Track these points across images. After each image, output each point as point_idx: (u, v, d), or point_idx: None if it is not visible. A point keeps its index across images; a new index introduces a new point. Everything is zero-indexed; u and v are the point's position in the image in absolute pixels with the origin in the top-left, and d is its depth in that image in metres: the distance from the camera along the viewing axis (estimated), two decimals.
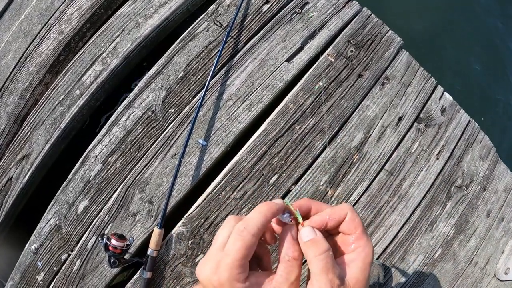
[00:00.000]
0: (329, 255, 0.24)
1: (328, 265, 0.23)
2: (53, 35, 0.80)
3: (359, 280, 0.24)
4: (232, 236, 0.24)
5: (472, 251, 0.74)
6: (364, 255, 0.25)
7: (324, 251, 0.24)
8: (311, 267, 0.24)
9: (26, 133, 0.75)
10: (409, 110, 0.73)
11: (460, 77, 1.29)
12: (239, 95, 0.67)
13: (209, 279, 0.24)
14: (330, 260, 0.24)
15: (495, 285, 0.75)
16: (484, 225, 0.76)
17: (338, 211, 0.26)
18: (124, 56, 0.72)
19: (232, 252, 0.23)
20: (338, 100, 0.69)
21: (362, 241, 0.25)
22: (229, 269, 0.23)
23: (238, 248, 0.23)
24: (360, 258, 0.25)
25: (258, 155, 0.65)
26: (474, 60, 1.34)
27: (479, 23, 1.38)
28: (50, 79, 0.79)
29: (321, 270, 0.23)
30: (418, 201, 0.71)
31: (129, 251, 0.60)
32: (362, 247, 0.25)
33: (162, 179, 0.65)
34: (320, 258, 0.24)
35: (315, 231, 0.25)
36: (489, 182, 0.77)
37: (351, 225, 0.26)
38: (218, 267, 0.24)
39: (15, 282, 0.71)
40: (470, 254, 0.73)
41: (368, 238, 0.26)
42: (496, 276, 0.75)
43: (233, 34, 0.69)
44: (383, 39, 0.74)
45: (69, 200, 0.68)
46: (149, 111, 0.68)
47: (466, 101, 0.83)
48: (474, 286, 0.73)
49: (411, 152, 0.71)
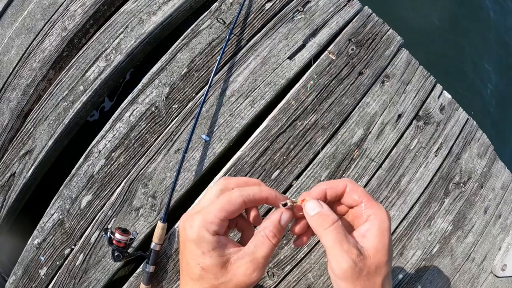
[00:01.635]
0: (339, 225, 0.22)
1: (340, 236, 0.21)
2: (56, 31, 0.79)
3: (379, 249, 0.21)
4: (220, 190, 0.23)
5: (469, 247, 0.74)
6: (378, 221, 0.22)
7: (333, 222, 0.22)
8: (324, 243, 0.22)
9: (29, 129, 0.75)
10: (409, 107, 0.73)
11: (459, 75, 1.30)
12: (241, 91, 0.68)
13: (183, 222, 0.23)
14: (341, 230, 0.22)
15: (492, 281, 0.75)
16: (482, 221, 0.76)
17: (335, 181, 0.25)
18: (128, 53, 0.72)
19: (215, 203, 0.22)
20: (339, 97, 0.69)
21: (373, 208, 0.23)
22: (204, 217, 0.22)
23: (222, 202, 0.22)
24: (375, 226, 0.22)
25: (260, 151, 0.65)
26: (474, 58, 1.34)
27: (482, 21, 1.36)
28: (53, 75, 0.79)
29: (334, 242, 0.21)
30: (417, 197, 0.71)
31: (132, 245, 0.60)
32: (374, 213, 0.22)
33: (166, 174, 0.65)
34: (329, 230, 0.21)
35: (320, 204, 0.23)
36: (486, 179, 0.78)
37: (355, 194, 0.24)
38: (194, 214, 0.22)
39: (17, 276, 0.71)
40: (468, 250, 0.74)
41: (379, 205, 0.23)
42: (493, 272, 0.76)
43: (236, 31, 0.69)
44: (383, 38, 0.74)
45: (73, 195, 0.67)
46: (153, 106, 0.68)
47: (464, 100, 0.84)
48: (471, 281, 0.73)
49: (410, 149, 0.72)
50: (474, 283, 0.74)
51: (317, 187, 0.25)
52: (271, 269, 0.63)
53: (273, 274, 0.63)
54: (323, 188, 0.25)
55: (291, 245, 0.63)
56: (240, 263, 0.22)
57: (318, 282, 0.63)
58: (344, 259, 0.21)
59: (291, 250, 0.63)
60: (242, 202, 0.23)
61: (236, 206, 0.23)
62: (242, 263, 0.22)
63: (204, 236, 0.22)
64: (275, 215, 0.24)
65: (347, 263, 0.20)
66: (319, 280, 0.63)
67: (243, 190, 0.23)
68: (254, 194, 0.23)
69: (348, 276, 0.21)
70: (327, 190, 0.24)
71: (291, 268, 0.63)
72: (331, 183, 0.25)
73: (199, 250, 0.22)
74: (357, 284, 0.21)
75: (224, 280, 0.21)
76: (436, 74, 0.76)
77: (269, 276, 0.63)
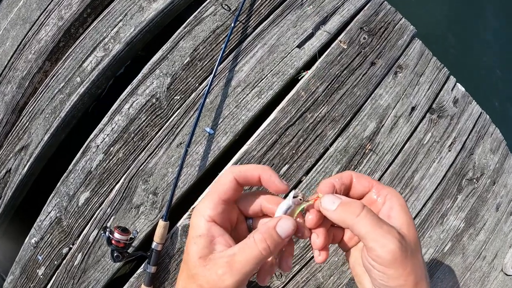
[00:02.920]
0: (369, 209, 0.21)
1: (376, 218, 0.20)
2: (52, 21, 0.74)
3: (409, 224, 0.21)
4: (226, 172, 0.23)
5: (481, 245, 0.71)
6: (396, 199, 0.22)
7: (363, 207, 0.21)
8: (359, 232, 0.20)
9: (25, 123, 0.70)
10: (422, 100, 0.68)
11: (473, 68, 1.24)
12: (248, 81, 0.63)
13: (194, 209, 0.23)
14: (374, 213, 0.21)
15: (502, 279, 0.72)
16: (493, 219, 0.72)
17: (338, 175, 0.24)
18: (127, 42, 0.67)
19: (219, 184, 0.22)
20: (350, 88, 0.64)
21: (385, 190, 0.23)
22: (201, 202, 0.22)
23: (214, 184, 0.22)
24: (396, 204, 0.22)
25: (268, 145, 0.61)
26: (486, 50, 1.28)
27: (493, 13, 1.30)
28: (49, 67, 0.74)
29: (372, 226, 0.19)
30: (430, 193, 0.67)
31: (132, 245, 0.56)
32: (389, 193, 0.22)
33: (167, 170, 0.60)
34: (362, 216, 0.20)
35: (338, 196, 0.22)
36: (499, 175, 0.74)
37: (363, 182, 0.23)
38: None
39: (15, 276, 0.67)
40: (479, 248, 0.70)
41: (388, 186, 0.23)
42: (503, 271, 0.72)
43: (241, 18, 0.64)
44: (396, 27, 0.69)
45: (70, 192, 0.63)
46: (153, 98, 0.63)
47: (477, 93, 0.79)
48: (481, 280, 0.70)
49: (423, 143, 0.67)
50: (484, 282, 0.71)
51: (324, 183, 0.24)
52: None
53: (281, 274, 0.59)
54: (331, 182, 0.23)
55: (299, 243, 0.59)
56: (217, 261, 0.20)
57: (328, 282, 0.59)
58: (389, 240, 0.19)
59: (299, 249, 0.59)
60: (233, 179, 0.22)
61: (227, 184, 0.22)
62: (219, 262, 0.20)
63: (197, 222, 0.22)
64: (272, 220, 0.22)
65: (394, 243, 0.19)
66: (328, 280, 0.59)
67: (234, 168, 0.23)
68: (245, 171, 0.22)
69: (397, 258, 0.19)
70: (335, 184, 0.23)
71: (300, 268, 0.59)
72: (335, 176, 0.24)
73: (191, 234, 0.22)
74: (407, 265, 0.19)
75: (196, 272, 0.20)
76: (448, 65, 0.71)
77: (277, 276, 0.59)
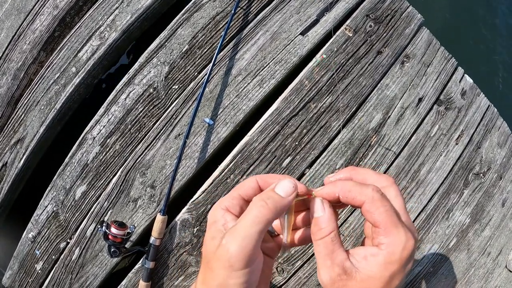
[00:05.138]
0: (329, 240, 0.21)
1: (327, 250, 0.21)
2: (47, 10, 0.69)
3: (373, 278, 0.20)
4: None
5: (486, 241, 0.67)
6: (386, 253, 0.20)
7: (325, 235, 0.21)
8: (314, 250, 0.22)
9: (20, 115, 0.66)
10: (430, 91, 0.64)
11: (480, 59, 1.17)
12: (249, 70, 0.58)
13: None
14: (331, 245, 0.21)
15: (505, 276, 0.68)
16: (499, 214, 0.68)
17: (354, 190, 0.21)
18: (123, 30, 0.62)
19: None
20: (356, 77, 0.59)
21: (389, 237, 0.20)
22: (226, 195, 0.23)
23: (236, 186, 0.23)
24: (382, 256, 0.20)
25: (270, 136, 0.56)
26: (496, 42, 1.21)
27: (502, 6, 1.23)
28: (44, 57, 0.69)
29: (319, 254, 0.21)
30: (436, 187, 0.63)
31: (130, 240, 0.52)
32: (387, 244, 0.20)
33: (165, 162, 0.56)
34: (319, 243, 0.21)
35: (323, 207, 0.21)
36: (505, 170, 0.70)
37: (369, 219, 0.21)
38: None
39: (14, 271, 0.63)
40: (484, 244, 0.67)
41: (398, 233, 0.20)
42: (508, 267, 0.69)
43: (242, 4, 0.59)
44: (403, 15, 0.64)
45: (66, 185, 0.59)
46: (151, 88, 0.58)
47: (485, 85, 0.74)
48: (485, 276, 0.66)
49: (430, 136, 0.63)
50: (488, 278, 0.67)
51: (330, 187, 0.22)
52: (280, 264, 0.55)
53: (283, 270, 0.55)
54: (334, 192, 0.22)
55: None
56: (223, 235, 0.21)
57: None
58: (324, 273, 0.21)
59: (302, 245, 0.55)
60: (255, 181, 0.23)
61: (249, 185, 0.23)
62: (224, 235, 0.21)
63: (213, 211, 0.23)
64: (272, 184, 0.22)
65: (325, 278, 0.21)
66: None
67: (260, 174, 0.24)
68: (269, 177, 0.23)
69: None
70: (341, 198, 0.22)
71: (302, 263, 0.56)
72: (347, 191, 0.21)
73: (207, 225, 0.23)
74: None
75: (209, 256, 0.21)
76: (456, 55, 0.66)
77: (279, 272, 0.55)
